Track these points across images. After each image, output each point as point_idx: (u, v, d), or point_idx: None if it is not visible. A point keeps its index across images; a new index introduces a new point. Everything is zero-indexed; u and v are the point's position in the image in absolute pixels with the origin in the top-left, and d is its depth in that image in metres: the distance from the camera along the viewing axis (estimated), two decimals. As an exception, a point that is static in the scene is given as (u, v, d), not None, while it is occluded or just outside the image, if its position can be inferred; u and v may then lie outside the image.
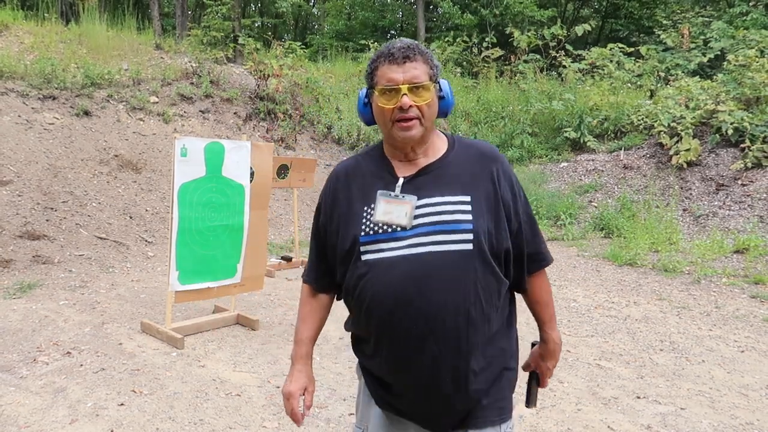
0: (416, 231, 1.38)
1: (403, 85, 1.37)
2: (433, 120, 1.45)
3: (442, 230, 1.37)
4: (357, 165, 1.55)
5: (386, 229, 1.41)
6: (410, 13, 20.53)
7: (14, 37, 8.78)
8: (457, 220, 1.38)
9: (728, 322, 4.93)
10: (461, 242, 1.36)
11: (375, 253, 1.40)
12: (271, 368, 3.67)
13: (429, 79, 1.41)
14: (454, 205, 1.39)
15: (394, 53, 1.40)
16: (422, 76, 1.39)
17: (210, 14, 12.93)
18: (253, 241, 4.41)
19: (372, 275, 1.40)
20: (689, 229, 7.84)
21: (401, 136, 1.41)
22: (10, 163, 6.49)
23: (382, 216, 1.41)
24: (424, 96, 1.39)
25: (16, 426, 2.82)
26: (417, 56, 1.40)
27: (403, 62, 1.39)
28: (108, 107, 8.11)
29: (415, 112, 1.39)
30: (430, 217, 1.39)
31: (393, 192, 1.43)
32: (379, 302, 1.40)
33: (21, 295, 4.81)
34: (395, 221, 1.40)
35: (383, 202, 1.42)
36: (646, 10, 18.06)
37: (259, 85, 10.04)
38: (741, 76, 9.43)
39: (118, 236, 6.42)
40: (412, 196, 1.41)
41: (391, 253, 1.39)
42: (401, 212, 1.40)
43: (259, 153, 4.46)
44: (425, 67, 1.41)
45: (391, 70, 1.39)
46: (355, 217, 1.45)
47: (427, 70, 1.41)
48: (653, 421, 3.15)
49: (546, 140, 11.24)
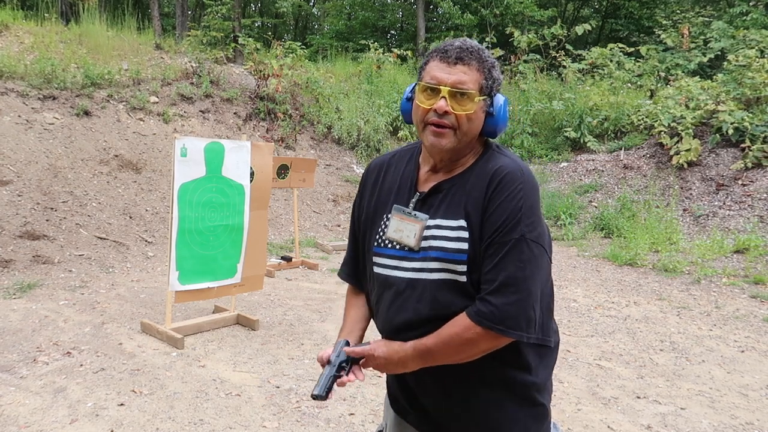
0: (423, 254, 1.31)
1: (444, 87, 1.26)
2: (471, 135, 1.32)
3: (441, 258, 1.29)
4: (389, 165, 1.47)
5: (396, 246, 1.36)
6: (410, 13, 20.52)
7: (14, 37, 8.78)
8: (456, 249, 1.28)
9: (728, 322, 4.93)
10: (455, 273, 1.28)
11: (384, 268, 1.38)
12: (271, 368, 3.67)
13: (479, 89, 1.28)
14: (453, 231, 1.29)
15: (449, 51, 1.28)
16: (469, 84, 1.27)
17: (210, 14, 12.92)
18: (253, 241, 4.41)
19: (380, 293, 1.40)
20: (689, 229, 7.84)
21: (430, 141, 1.30)
22: (10, 163, 6.49)
23: (393, 233, 1.36)
24: (466, 106, 1.27)
25: (16, 426, 2.82)
26: (472, 61, 1.28)
27: (455, 63, 1.27)
28: (108, 107, 8.11)
29: (450, 120, 1.27)
30: (432, 241, 1.30)
31: (407, 208, 1.36)
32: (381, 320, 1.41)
33: (21, 295, 4.81)
34: (404, 241, 1.34)
35: (396, 218, 1.37)
36: (646, 10, 18.07)
37: (259, 85, 10.04)
38: (741, 76, 9.43)
39: (118, 236, 6.42)
40: (424, 216, 1.32)
41: (399, 273, 1.35)
42: (411, 232, 1.33)
43: (259, 153, 4.46)
44: (478, 75, 1.28)
45: (439, 69, 1.28)
46: (375, 224, 1.42)
47: (479, 80, 1.28)
48: (653, 421, 3.15)
49: (546, 140, 11.24)
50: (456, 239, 1.28)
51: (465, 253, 1.26)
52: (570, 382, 3.63)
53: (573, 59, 12.68)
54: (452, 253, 1.27)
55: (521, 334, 1.24)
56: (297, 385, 3.43)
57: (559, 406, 3.30)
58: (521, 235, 1.24)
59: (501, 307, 1.22)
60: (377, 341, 1.38)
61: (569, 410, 3.24)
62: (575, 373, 3.78)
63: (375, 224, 1.43)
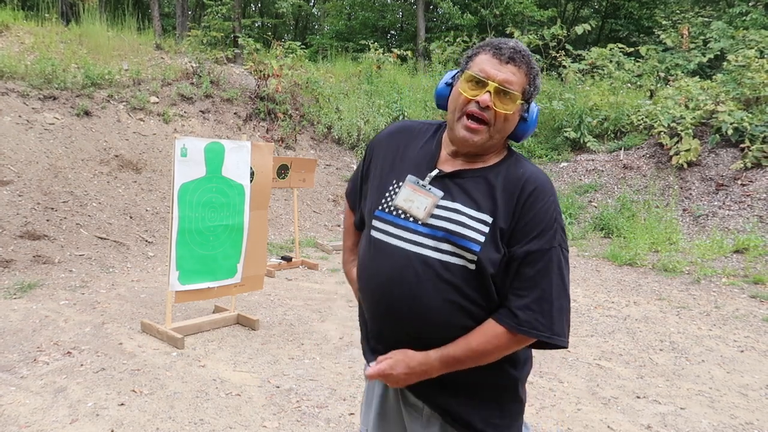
0: (428, 230, 1.33)
1: (492, 83, 1.29)
2: (503, 135, 1.35)
3: (452, 241, 1.30)
4: (416, 134, 1.49)
5: (401, 215, 1.37)
6: (410, 13, 20.53)
7: (14, 38, 8.78)
8: (469, 237, 1.29)
9: (728, 322, 4.93)
10: (464, 259, 1.30)
11: (383, 233, 1.39)
12: (271, 368, 3.67)
13: (522, 93, 1.32)
14: (472, 220, 1.31)
15: (503, 49, 1.32)
16: (515, 85, 1.30)
17: (210, 14, 12.93)
18: (253, 241, 4.42)
19: (374, 254, 1.40)
20: (689, 229, 7.84)
21: (462, 135, 1.33)
22: (11, 163, 6.49)
23: (402, 202, 1.37)
24: (508, 105, 1.30)
25: (16, 426, 2.82)
26: (522, 65, 1.32)
27: (507, 62, 1.31)
28: (108, 107, 8.11)
29: (489, 115, 1.30)
30: (445, 222, 1.32)
31: (422, 181, 1.37)
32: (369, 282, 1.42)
33: (21, 295, 4.81)
34: (413, 211, 1.35)
35: (408, 188, 1.38)
36: (646, 10, 18.08)
37: (259, 86, 10.04)
38: (741, 77, 9.43)
39: (119, 236, 6.42)
40: (438, 192, 1.35)
41: (396, 242, 1.36)
42: (422, 204, 1.34)
43: (259, 153, 4.46)
44: (524, 79, 1.32)
45: (491, 63, 1.31)
46: (382, 188, 1.43)
47: (523, 83, 1.32)
48: (653, 420, 3.16)
49: (546, 140, 11.24)
50: (474, 229, 1.30)
51: (479, 244, 1.29)
52: (570, 382, 3.63)
53: (573, 59, 12.68)
54: (467, 241, 1.29)
55: (564, 340, 1.30)
56: (297, 385, 3.44)
57: (559, 406, 3.30)
58: (559, 245, 1.31)
59: (547, 315, 1.27)
60: (395, 356, 1.37)
61: (569, 410, 3.25)
62: (575, 373, 3.78)
63: (379, 190, 1.44)
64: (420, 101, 11.45)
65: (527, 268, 1.28)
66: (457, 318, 1.32)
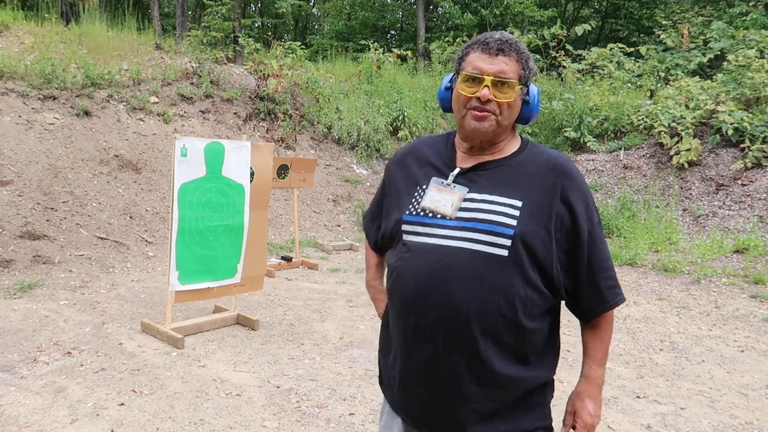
0: (457, 224, 1.35)
1: (488, 77, 1.33)
2: (510, 121, 1.40)
3: (482, 229, 1.32)
4: (430, 145, 1.55)
5: (428, 214, 1.40)
6: (410, 13, 20.53)
7: (14, 38, 8.78)
8: (500, 222, 1.32)
9: (728, 322, 4.93)
10: (497, 246, 1.31)
11: (414, 235, 1.41)
12: (271, 368, 3.67)
13: (518, 79, 1.36)
14: (501, 207, 1.34)
15: (489, 43, 1.36)
16: (510, 74, 1.34)
17: (210, 14, 12.92)
18: (253, 241, 4.42)
19: (408, 256, 1.41)
20: (689, 229, 7.84)
21: (472, 125, 1.37)
22: (11, 163, 6.49)
23: (429, 203, 1.41)
24: (507, 93, 1.35)
25: (16, 426, 2.82)
26: (512, 53, 1.36)
27: (496, 54, 1.35)
28: (108, 107, 8.11)
29: (492, 107, 1.35)
30: (474, 213, 1.35)
31: (445, 180, 1.42)
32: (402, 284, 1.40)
33: (21, 295, 4.81)
34: (440, 209, 1.38)
35: (434, 189, 1.42)
36: (646, 10, 18.08)
37: (259, 86, 10.04)
38: (741, 77, 9.43)
39: (119, 236, 6.42)
40: (463, 188, 1.39)
41: (427, 239, 1.38)
42: (448, 202, 1.38)
43: (259, 153, 4.46)
44: (517, 66, 1.36)
45: (481, 59, 1.35)
46: (404, 200, 1.47)
47: (517, 70, 1.36)
48: (653, 420, 3.16)
49: (546, 140, 11.24)
50: (504, 214, 1.33)
51: (512, 228, 1.32)
52: (570, 382, 3.63)
53: (573, 59, 12.68)
54: (498, 226, 1.32)
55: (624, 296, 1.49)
56: (297, 384, 3.44)
57: (560, 406, 3.30)
58: (598, 218, 1.44)
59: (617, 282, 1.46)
60: (580, 400, 1.49)
61: (569, 410, 3.25)
62: (575, 373, 3.78)
63: (401, 204, 1.48)
64: (420, 101, 11.45)
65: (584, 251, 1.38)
66: (493, 306, 1.31)
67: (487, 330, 1.32)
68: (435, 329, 1.34)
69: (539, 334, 1.39)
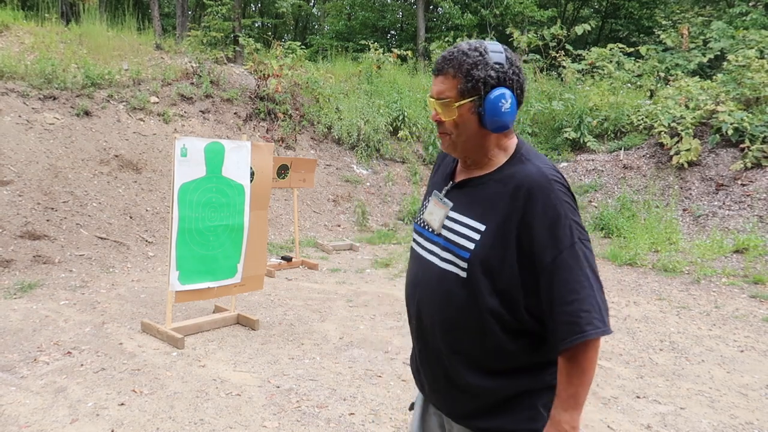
0: (438, 239, 1.42)
1: (431, 100, 1.36)
2: (467, 137, 1.35)
3: (447, 248, 1.38)
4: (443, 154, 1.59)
5: (425, 227, 1.49)
6: (410, 13, 20.53)
7: (14, 38, 8.79)
8: (460, 245, 1.35)
9: (728, 322, 4.93)
10: (458, 267, 1.34)
11: (415, 244, 1.53)
12: (271, 368, 3.67)
13: (459, 95, 1.31)
14: (465, 229, 1.35)
15: (435, 65, 1.36)
16: (447, 92, 1.32)
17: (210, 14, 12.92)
18: (253, 241, 4.42)
19: (410, 263, 1.55)
20: (689, 229, 7.84)
21: (440, 145, 1.46)
22: (11, 163, 6.49)
23: (427, 215, 1.49)
24: (447, 113, 1.34)
25: (16, 425, 2.82)
26: (448, 69, 1.32)
27: (437, 75, 1.36)
28: (108, 107, 8.11)
29: (444, 127, 1.38)
30: (447, 231, 1.40)
31: (440, 194, 1.48)
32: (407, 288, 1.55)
33: (21, 294, 4.81)
34: (431, 223, 1.45)
35: (433, 202, 1.49)
36: (646, 10, 18.08)
37: (259, 86, 10.04)
38: (741, 77, 9.43)
39: (119, 236, 6.42)
40: (449, 203, 1.43)
41: (420, 250, 1.49)
42: (438, 216, 1.44)
43: (259, 153, 4.46)
44: (454, 82, 1.31)
45: (433, 82, 1.39)
46: (422, 206, 1.57)
47: (455, 85, 1.31)
48: (653, 420, 3.16)
49: (546, 140, 11.24)
50: (465, 237, 1.35)
51: (468, 251, 1.33)
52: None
53: (573, 59, 12.68)
54: (458, 248, 1.36)
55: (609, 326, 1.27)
56: (297, 384, 3.44)
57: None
58: (578, 239, 1.26)
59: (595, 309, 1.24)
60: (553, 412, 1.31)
61: (569, 410, 3.25)
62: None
63: (422, 206, 1.58)
64: (420, 101, 11.44)
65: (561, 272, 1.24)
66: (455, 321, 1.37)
67: (452, 343, 1.38)
68: (419, 332, 1.49)
69: (514, 350, 1.33)
